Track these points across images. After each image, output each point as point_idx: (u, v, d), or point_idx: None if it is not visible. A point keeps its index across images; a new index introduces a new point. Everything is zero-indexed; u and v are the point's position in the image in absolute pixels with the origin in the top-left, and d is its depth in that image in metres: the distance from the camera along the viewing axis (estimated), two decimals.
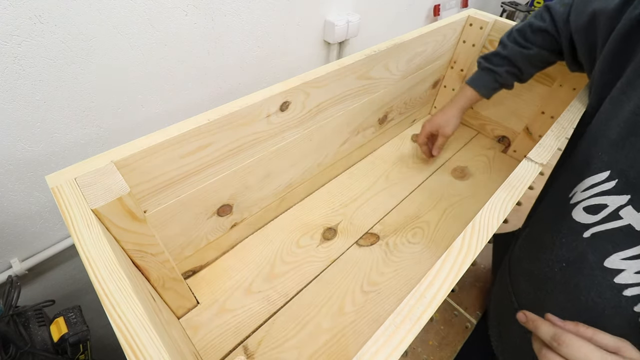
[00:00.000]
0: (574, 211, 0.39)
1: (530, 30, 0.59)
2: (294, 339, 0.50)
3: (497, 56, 0.62)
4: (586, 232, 0.37)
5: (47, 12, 0.45)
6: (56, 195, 0.31)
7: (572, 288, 0.38)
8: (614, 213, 0.35)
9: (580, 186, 0.39)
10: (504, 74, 0.62)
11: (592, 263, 0.36)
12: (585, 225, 0.37)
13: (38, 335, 0.53)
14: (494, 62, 0.63)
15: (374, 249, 0.63)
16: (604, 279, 0.35)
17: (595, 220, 0.36)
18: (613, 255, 0.35)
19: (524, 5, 1.78)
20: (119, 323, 0.24)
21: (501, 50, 0.62)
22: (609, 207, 0.35)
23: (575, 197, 0.40)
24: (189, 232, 0.50)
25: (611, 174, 0.36)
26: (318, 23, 0.84)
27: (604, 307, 0.35)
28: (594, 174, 0.37)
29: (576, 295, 0.37)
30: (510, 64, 0.61)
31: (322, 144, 0.63)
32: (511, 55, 0.60)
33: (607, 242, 0.35)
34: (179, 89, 0.66)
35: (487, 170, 0.81)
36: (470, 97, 0.67)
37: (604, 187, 0.36)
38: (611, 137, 0.37)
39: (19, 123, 0.50)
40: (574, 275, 0.38)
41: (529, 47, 0.59)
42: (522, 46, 0.59)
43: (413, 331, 0.25)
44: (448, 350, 0.54)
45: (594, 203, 0.37)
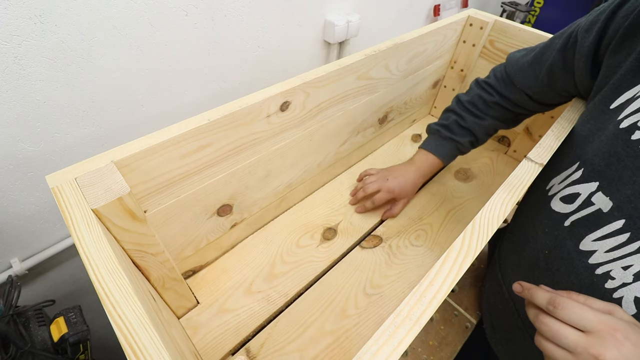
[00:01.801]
0: (552, 202, 0.42)
1: (482, 103, 0.61)
2: (296, 342, 0.50)
3: (457, 126, 0.63)
4: (566, 221, 0.40)
5: (47, 12, 0.45)
6: (56, 195, 0.31)
7: (554, 273, 0.41)
8: (587, 200, 0.38)
9: (557, 179, 0.43)
10: (466, 144, 0.64)
11: (570, 248, 0.39)
12: (565, 214, 0.40)
13: (38, 335, 0.53)
14: (456, 133, 0.63)
15: (377, 251, 0.63)
16: (579, 261, 0.37)
17: (572, 209, 0.39)
18: (586, 238, 0.37)
19: (523, 5, 1.78)
20: (119, 323, 0.24)
21: (460, 120, 0.62)
22: (581, 195, 0.38)
23: (552, 189, 0.43)
24: (189, 232, 0.50)
25: (579, 165, 0.40)
26: (318, 23, 0.84)
27: (580, 288, 0.37)
28: (568, 167, 0.41)
29: (558, 279, 0.40)
30: (471, 134, 0.63)
31: (322, 144, 0.63)
32: (471, 127, 0.62)
33: (582, 227, 0.38)
34: (179, 89, 0.66)
35: (490, 171, 0.81)
36: (434, 165, 0.65)
37: (573, 177, 0.40)
38: (583, 133, 0.41)
39: (19, 123, 0.50)
40: (555, 260, 0.40)
41: (483, 118, 0.61)
42: (477, 117, 0.61)
43: (413, 331, 0.25)
44: (448, 350, 0.54)
45: (568, 193, 0.40)
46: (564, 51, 0.47)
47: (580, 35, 0.45)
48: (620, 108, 0.37)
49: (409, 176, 0.65)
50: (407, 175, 0.66)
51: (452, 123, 0.63)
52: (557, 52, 0.48)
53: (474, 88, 0.63)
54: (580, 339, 0.30)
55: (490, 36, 0.77)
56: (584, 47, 0.44)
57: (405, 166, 0.67)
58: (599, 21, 0.42)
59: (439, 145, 0.65)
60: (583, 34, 0.44)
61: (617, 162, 0.35)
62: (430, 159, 0.65)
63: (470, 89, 0.65)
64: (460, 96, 0.65)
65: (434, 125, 0.66)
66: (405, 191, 0.65)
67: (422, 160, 0.66)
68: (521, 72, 0.55)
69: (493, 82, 0.60)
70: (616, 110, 0.37)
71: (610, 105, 0.38)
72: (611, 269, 0.35)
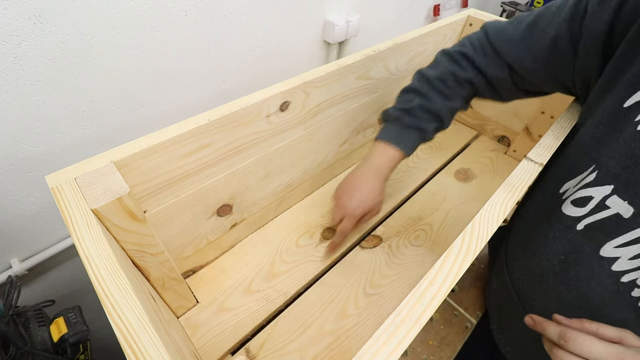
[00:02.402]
0: (563, 205, 0.40)
1: (453, 80, 0.51)
2: (296, 342, 0.50)
3: (422, 110, 0.51)
4: (579, 224, 0.38)
5: (47, 12, 0.45)
6: (56, 195, 0.31)
7: (571, 279, 0.39)
8: (601, 203, 0.36)
9: (572, 182, 0.41)
10: (431, 132, 0.53)
11: (589, 253, 0.37)
12: (577, 218, 0.38)
13: (38, 335, 0.53)
14: (422, 118, 0.51)
15: (377, 251, 0.62)
16: (601, 267, 0.36)
17: (584, 212, 0.37)
18: (607, 244, 0.36)
19: (523, 5, 1.78)
20: (119, 323, 0.24)
21: (425, 103, 0.51)
22: (594, 198, 0.37)
23: (567, 193, 0.41)
24: (189, 232, 0.50)
25: (594, 167, 0.37)
26: (318, 23, 0.84)
27: (603, 295, 0.37)
28: (583, 171, 0.39)
29: (577, 285, 0.38)
30: (438, 119, 0.52)
31: (322, 144, 0.63)
32: (439, 110, 0.51)
33: (600, 232, 0.36)
34: (179, 89, 0.66)
35: (490, 171, 0.81)
36: (396, 160, 0.53)
37: (587, 179, 0.38)
38: (597, 135, 0.38)
39: (19, 123, 0.50)
40: (572, 266, 0.39)
41: (453, 99, 0.52)
42: (446, 97, 0.51)
43: (413, 331, 0.25)
44: (448, 350, 0.54)
45: (580, 196, 0.38)
46: (570, 24, 0.39)
47: (590, 6, 0.37)
48: (636, 107, 0.34)
49: (367, 188, 0.53)
50: (366, 188, 0.53)
51: (416, 107, 0.51)
52: (562, 24, 0.40)
53: (443, 61, 0.52)
54: None
55: None
56: (595, 24, 0.37)
57: (362, 173, 0.54)
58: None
59: (401, 135, 0.52)
60: (595, 6, 0.37)
61: (634, 165, 0.33)
62: (391, 153, 0.52)
63: (436, 61, 0.54)
64: (425, 72, 0.53)
65: (392, 111, 0.53)
66: (367, 205, 0.54)
67: (380, 158, 0.53)
68: (511, 44, 0.46)
69: (470, 53, 0.50)
70: (632, 109, 0.34)
71: (624, 103, 0.35)
72: (637, 277, 0.34)
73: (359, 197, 0.53)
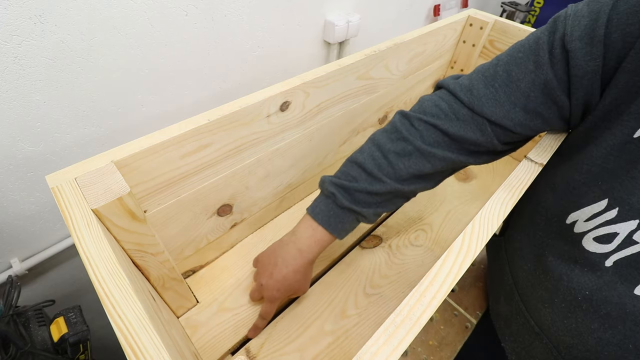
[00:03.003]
0: (583, 241, 0.38)
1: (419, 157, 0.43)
2: (296, 342, 0.50)
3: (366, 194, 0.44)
4: (607, 260, 0.36)
5: (47, 12, 0.45)
6: (56, 195, 0.31)
7: (603, 317, 0.37)
8: (628, 239, 0.34)
9: (580, 215, 0.38)
10: (372, 216, 0.46)
11: (621, 292, 0.35)
12: (603, 254, 0.36)
13: (38, 335, 0.53)
14: (363, 202, 0.44)
15: (377, 251, 0.63)
16: (635, 307, 0.35)
17: (611, 248, 0.36)
18: None
19: (523, 5, 1.78)
20: (119, 323, 0.24)
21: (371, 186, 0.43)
22: (619, 234, 0.35)
23: (578, 226, 0.38)
24: (189, 232, 0.50)
25: (610, 202, 0.35)
26: (318, 23, 0.84)
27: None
28: (592, 203, 0.37)
29: (611, 324, 0.36)
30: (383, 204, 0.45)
31: (322, 144, 0.63)
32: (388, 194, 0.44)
33: (633, 269, 0.35)
34: (179, 89, 0.66)
35: (490, 171, 0.81)
36: (325, 243, 0.46)
37: (606, 216, 0.35)
38: (608, 166, 0.36)
39: (19, 123, 0.50)
40: (602, 304, 0.37)
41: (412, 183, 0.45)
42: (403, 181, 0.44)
43: (413, 331, 0.25)
44: (448, 350, 0.54)
45: (603, 233, 0.36)
46: (554, 67, 0.37)
47: (572, 45, 0.35)
48: None
49: (290, 269, 0.46)
50: (288, 269, 0.46)
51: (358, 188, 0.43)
52: (546, 69, 0.38)
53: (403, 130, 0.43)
54: None
55: (490, 36, 0.77)
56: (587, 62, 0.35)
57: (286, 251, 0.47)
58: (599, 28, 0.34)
59: (334, 216, 0.45)
60: (577, 43, 0.35)
61: None
62: (318, 235, 0.46)
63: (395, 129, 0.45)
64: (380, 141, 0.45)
65: (329, 186, 0.45)
66: (290, 289, 0.48)
67: (307, 237, 0.46)
68: (493, 102, 0.40)
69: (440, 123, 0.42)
70: None
71: (634, 134, 0.34)
72: None
73: (279, 279, 0.46)
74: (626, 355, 0.36)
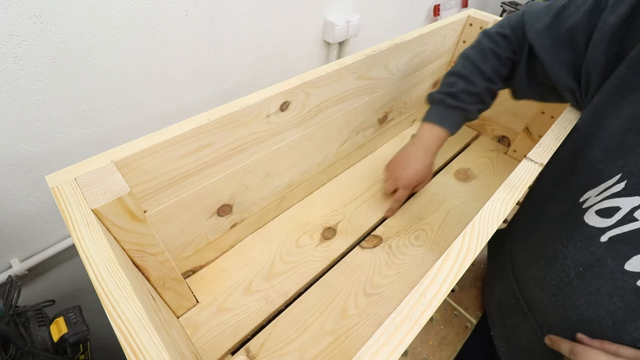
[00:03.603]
0: (586, 215, 0.38)
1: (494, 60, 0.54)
2: (296, 342, 0.50)
3: (465, 93, 0.56)
4: (602, 236, 0.36)
5: (47, 12, 0.45)
6: (56, 195, 0.31)
7: (592, 293, 0.38)
8: (629, 215, 0.34)
9: (594, 191, 0.39)
10: (475, 112, 0.58)
11: (612, 267, 0.36)
12: (601, 229, 0.37)
13: (38, 335, 0.53)
14: (464, 100, 0.56)
15: (377, 251, 0.62)
16: (625, 282, 0.35)
17: (610, 223, 0.36)
18: (633, 258, 0.34)
19: (523, 5, 1.78)
20: (119, 323, 0.24)
21: (469, 87, 0.56)
22: (622, 209, 0.35)
23: (588, 202, 0.39)
24: (189, 232, 0.50)
25: (621, 176, 0.35)
26: (318, 23, 0.84)
27: (626, 311, 0.35)
28: (608, 179, 0.37)
29: (597, 299, 0.37)
30: (480, 100, 0.57)
31: (322, 144, 0.63)
32: (482, 92, 0.56)
33: (626, 245, 0.35)
34: (178, 89, 0.66)
35: (490, 172, 0.81)
36: (442, 139, 0.59)
37: (614, 189, 0.36)
38: (626, 142, 0.36)
39: (19, 123, 0.50)
40: (593, 280, 0.37)
41: (496, 82, 0.56)
42: (489, 80, 0.55)
43: (413, 331, 0.25)
44: (448, 350, 0.54)
45: (606, 206, 0.36)
46: (590, 14, 0.40)
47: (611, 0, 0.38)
48: None
49: (418, 163, 0.61)
50: (417, 163, 0.61)
51: (459, 91, 0.56)
52: (583, 13, 0.41)
53: (484, 41, 0.55)
54: None
55: None
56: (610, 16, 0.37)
57: (412, 149, 0.62)
58: None
59: (445, 115, 0.59)
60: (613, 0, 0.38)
61: None
62: (437, 133, 0.59)
63: (478, 42, 0.57)
64: (468, 53, 0.57)
65: (436, 94, 0.59)
66: (419, 177, 0.63)
67: (428, 137, 0.60)
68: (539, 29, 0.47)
69: (508, 34, 0.52)
70: None
71: None
72: None
73: (411, 170, 0.62)
74: (603, 333, 0.36)
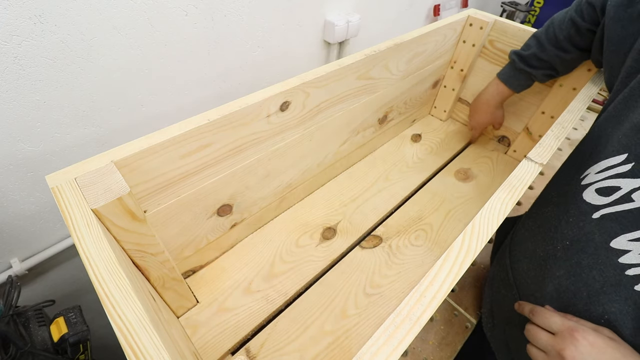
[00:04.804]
0: (585, 192, 0.39)
1: (575, 31, 0.56)
2: (296, 342, 0.50)
3: (535, 58, 0.61)
4: (595, 213, 0.37)
5: (47, 12, 0.45)
6: (56, 195, 0.31)
7: (572, 265, 0.39)
8: (627, 195, 0.35)
9: (594, 168, 0.39)
10: (540, 76, 0.64)
11: (598, 243, 0.37)
12: (595, 206, 0.38)
13: (38, 335, 0.53)
14: (532, 65, 0.62)
15: (377, 251, 0.62)
16: (607, 258, 0.36)
17: (606, 202, 0.37)
18: (621, 237, 0.35)
19: (523, 5, 1.78)
20: (119, 323, 0.24)
21: (539, 53, 0.61)
22: (622, 189, 0.36)
23: (587, 178, 0.40)
24: (189, 232, 0.50)
25: (628, 157, 0.36)
26: (318, 23, 0.84)
27: (604, 284, 0.36)
28: (610, 157, 0.38)
29: (577, 272, 0.38)
30: (550, 67, 0.61)
31: (322, 144, 0.63)
32: (551, 60, 0.60)
33: (616, 223, 0.36)
34: (178, 89, 0.66)
35: (490, 172, 0.81)
36: (506, 95, 0.70)
37: (619, 169, 0.36)
38: (634, 120, 0.37)
39: (19, 123, 0.50)
40: (576, 253, 0.39)
41: (570, 52, 0.58)
42: (563, 50, 0.58)
43: (413, 331, 0.25)
44: (448, 350, 0.54)
45: (607, 185, 0.37)
46: None
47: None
48: None
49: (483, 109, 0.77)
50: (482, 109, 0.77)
51: (530, 55, 0.62)
52: None
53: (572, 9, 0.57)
54: (549, 339, 0.36)
55: (490, 36, 0.77)
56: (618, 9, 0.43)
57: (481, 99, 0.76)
58: None
59: (512, 75, 0.67)
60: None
61: None
62: (501, 89, 0.70)
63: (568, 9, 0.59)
64: (554, 18, 0.60)
65: (512, 54, 0.66)
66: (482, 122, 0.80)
67: (493, 91, 0.72)
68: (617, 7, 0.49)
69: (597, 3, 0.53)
70: None
71: None
72: None
73: (478, 117, 0.80)
74: (576, 303, 0.37)
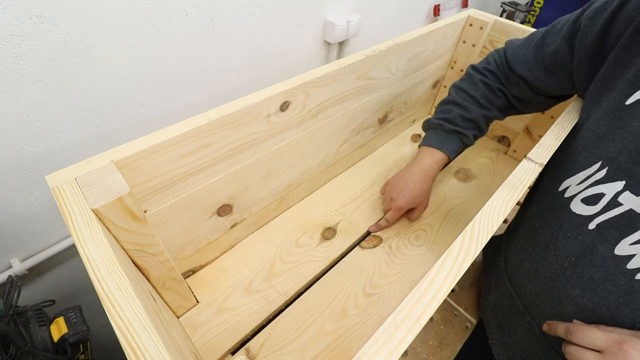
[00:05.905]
0: (572, 204, 0.40)
1: (487, 91, 0.58)
2: (296, 342, 0.50)
3: (461, 119, 0.59)
4: (590, 223, 0.38)
5: (47, 12, 0.45)
6: (56, 195, 0.31)
7: (586, 282, 0.38)
8: (613, 200, 0.36)
9: (573, 180, 0.41)
10: (471, 137, 0.60)
11: (603, 254, 0.37)
12: (588, 217, 0.38)
13: (38, 335, 0.53)
14: (461, 126, 0.59)
15: (377, 251, 0.62)
16: (616, 267, 0.36)
17: (596, 210, 0.37)
18: (621, 242, 0.35)
19: (523, 5, 1.78)
20: (119, 323, 0.24)
21: (464, 113, 0.59)
22: (605, 195, 0.37)
23: (569, 190, 0.41)
24: (189, 232, 0.50)
25: (602, 164, 0.38)
26: (318, 23, 0.84)
27: (619, 295, 0.36)
28: (586, 168, 0.39)
29: (592, 287, 0.38)
30: (476, 127, 0.60)
31: (322, 144, 0.63)
32: (476, 119, 0.58)
33: (614, 230, 0.36)
34: (179, 89, 0.66)
35: (490, 171, 0.81)
36: (441, 162, 0.61)
37: (597, 176, 0.38)
38: (600, 131, 0.39)
39: (19, 123, 0.50)
40: (586, 268, 0.38)
41: (490, 109, 0.59)
42: (483, 107, 0.58)
43: (413, 331, 0.25)
44: (448, 350, 0.54)
45: (590, 194, 0.38)
46: (569, 39, 0.45)
47: (583, 22, 0.43)
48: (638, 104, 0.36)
49: (415, 185, 0.61)
50: (413, 185, 0.61)
51: (455, 116, 0.59)
52: (562, 39, 0.46)
53: (473, 74, 0.59)
54: (598, 359, 0.33)
55: (490, 36, 0.77)
56: (586, 37, 0.42)
57: (410, 172, 0.62)
58: (605, 12, 0.40)
59: (444, 139, 0.60)
60: (587, 21, 0.43)
61: None
62: (436, 156, 0.60)
63: (467, 74, 0.61)
64: (460, 84, 0.61)
65: (434, 120, 0.62)
66: (415, 201, 0.62)
67: (427, 160, 0.61)
68: (523, 62, 0.52)
69: (493, 69, 0.58)
70: (633, 106, 0.36)
71: (625, 101, 0.37)
72: None
73: (406, 195, 0.62)
74: (598, 319, 0.37)
